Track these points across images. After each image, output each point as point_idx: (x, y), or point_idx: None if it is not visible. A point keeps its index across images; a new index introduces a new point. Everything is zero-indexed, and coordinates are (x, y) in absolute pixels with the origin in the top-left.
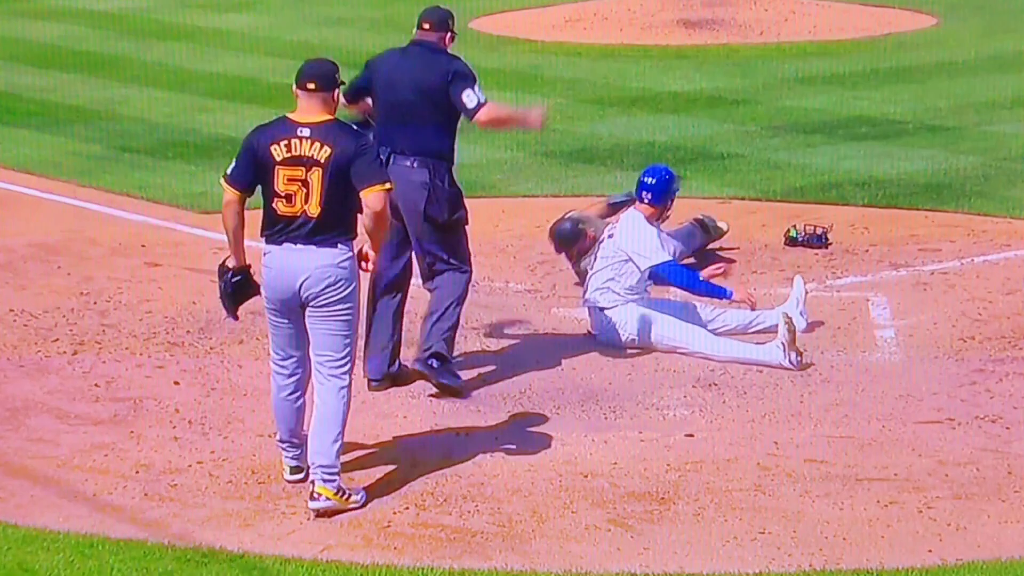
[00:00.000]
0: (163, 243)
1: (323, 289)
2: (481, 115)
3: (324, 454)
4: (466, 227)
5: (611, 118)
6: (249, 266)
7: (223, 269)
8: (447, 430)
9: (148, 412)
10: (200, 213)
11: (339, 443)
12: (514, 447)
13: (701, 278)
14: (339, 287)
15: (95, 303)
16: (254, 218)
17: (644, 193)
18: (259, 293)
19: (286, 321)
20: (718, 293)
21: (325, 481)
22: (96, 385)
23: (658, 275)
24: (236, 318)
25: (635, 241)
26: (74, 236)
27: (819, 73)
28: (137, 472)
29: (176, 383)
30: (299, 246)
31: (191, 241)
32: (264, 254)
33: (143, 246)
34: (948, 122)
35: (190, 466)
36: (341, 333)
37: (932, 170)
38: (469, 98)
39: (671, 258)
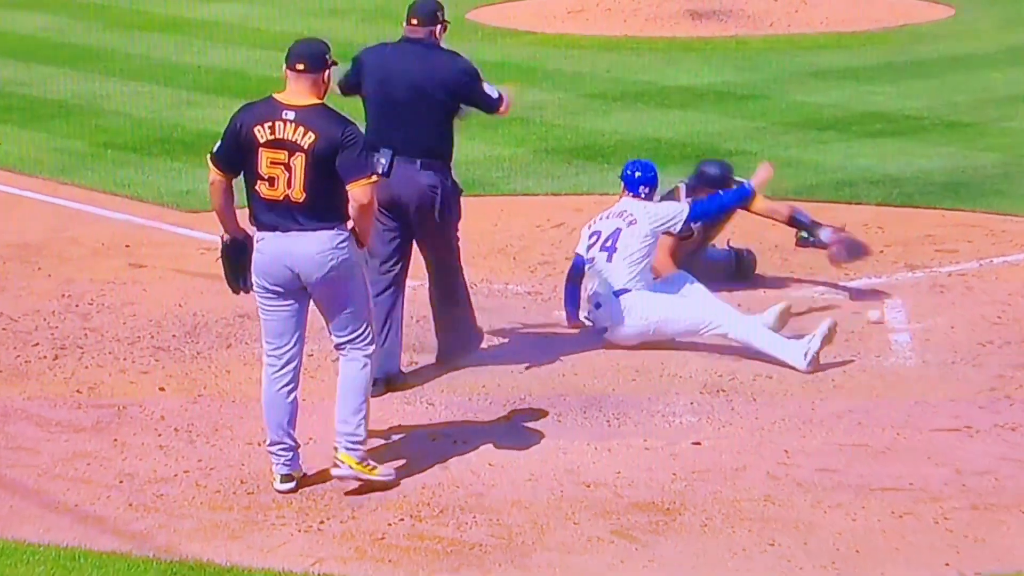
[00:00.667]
0: (148, 243)
1: (327, 273)
2: (503, 107)
3: (347, 422)
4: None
5: (615, 113)
6: (244, 232)
7: (221, 242)
8: (444, 437)
9: (132, 419)
10: (186, 212)
11: (363, 413)
12: (514, 456)
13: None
14: (343, 268)
15: (77, 306)
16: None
17: (641, 188)
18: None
19: (286, 303)
20: (743, 193)
21: (348, 449)
22: (78, 391)
23: (699, 216)
24: (236, 292)
25: (659, 212)
26: (55, 236)
27: (832, 66)
28: (121, 482)
29: (161, 389)
30: (293, 233)
31: (177, 241)
32: (257, 240)
33: (127, 246)
34: (966, 118)
35: (176, 475)
36: (356, 311)
37: (949, 168)
38: (490, 91)
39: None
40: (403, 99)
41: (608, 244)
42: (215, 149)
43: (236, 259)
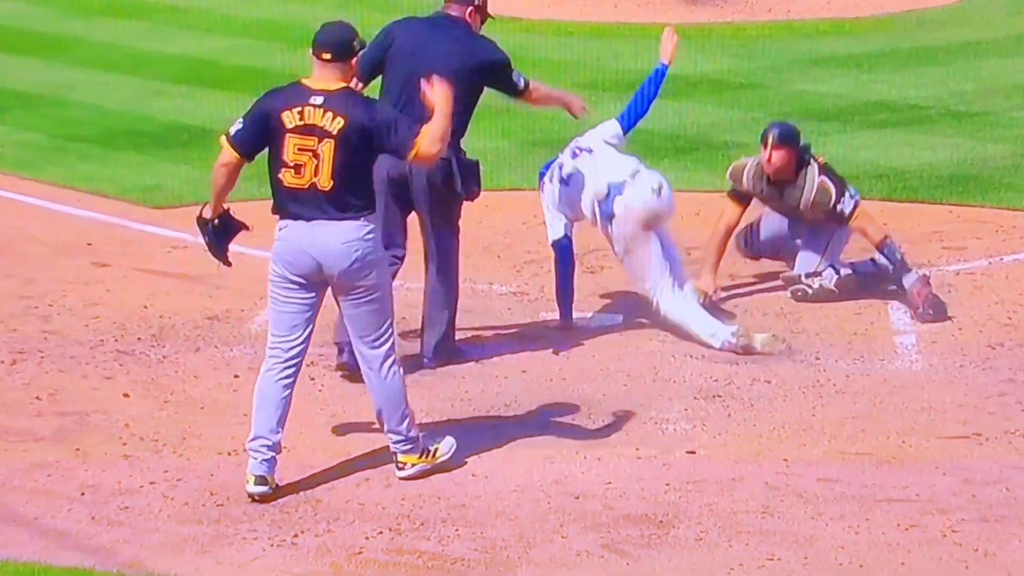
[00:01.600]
0: (112, 241)
1: (351, 265)
2: (528, 95)
3: (397, 431)
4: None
5: (605, 104)
6: (227, 210)
7: (202, 221)
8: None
9: (95, 427)
10: (152, 208)
11: (408, 414)
12: (499, 465)
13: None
14: (367, 261)
15: (37, 307)
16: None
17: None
18: (243, 227)
19: (303, 295)
20: (661, 72)
21: (407, 452)
22: (38, 398)
23: (638, 117)
24: (229, 264)
25: (596, 131)
26: (14, 234)
27: (833, 54)
28: (83, 494)
29: (126, 395)
30: (317, 222)
31: (142, 239)
32: (279, 228)
33: (90, 245)
34: (975, 107)
35: (142, 487)
36: (378, 309)
37: (957, 160)
38: (518, 79)
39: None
40: (431, 73)
41: (579, 152)
42: (233, 132)
43: (220, 232)
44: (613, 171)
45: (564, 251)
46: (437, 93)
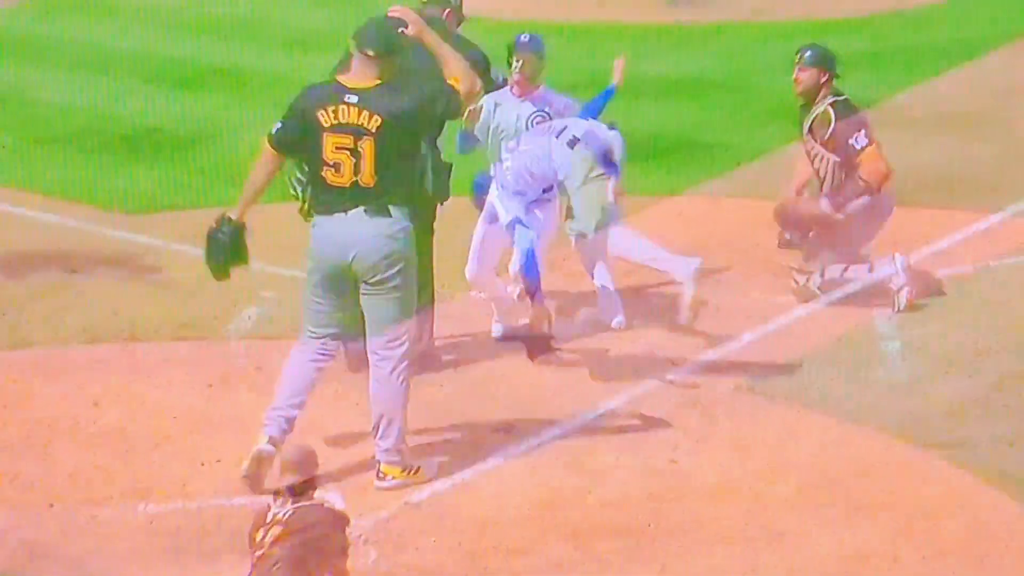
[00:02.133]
0: (82, 246)
1: (378, 262)
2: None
3: (386, 437)
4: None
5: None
6: (244, 225)
7: (226, 219)
8: None
9: (64, 436)
10: (123, 213)
11: (399, 422)
12: (477, 474)
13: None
14: (395, 259)
15: (4, 314)
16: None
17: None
18: (246, 262)
19: (332, 296)
20: (608, 94)
21: (390, 463)
22: (5, 406)
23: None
24: (227, 278)
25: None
26: None
27: None
28: (52, 504)
29: (96, 404)
30: (350, 214)
31: (113, 245)
32: (313, 226)
33: (59, 249)
34: (960, 109)
35: (112, 497)
36: (396, 309)
37: (943, 162)
38: (496, 76)
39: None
40: (410, 67)
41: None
42: (274, 131)
43: (232, 241)
44: (564, 121)
45: (517, 229)
46: (414, 29)
